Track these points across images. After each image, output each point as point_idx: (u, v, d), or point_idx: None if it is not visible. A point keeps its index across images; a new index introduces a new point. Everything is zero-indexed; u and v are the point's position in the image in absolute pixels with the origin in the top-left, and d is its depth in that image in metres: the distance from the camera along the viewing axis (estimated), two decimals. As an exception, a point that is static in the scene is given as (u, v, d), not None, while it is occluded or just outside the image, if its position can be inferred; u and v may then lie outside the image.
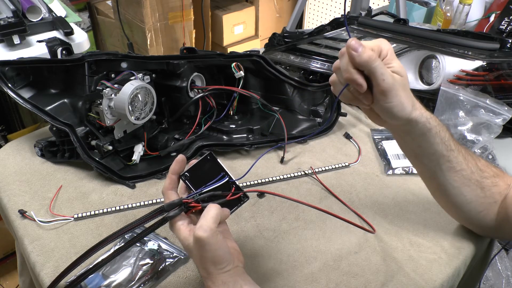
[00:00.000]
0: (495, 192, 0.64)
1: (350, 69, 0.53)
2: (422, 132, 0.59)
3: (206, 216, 0.52)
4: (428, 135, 0.59)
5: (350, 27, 1.01)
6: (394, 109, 0.55)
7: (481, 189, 0.64)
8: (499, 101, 0.89)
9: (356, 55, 0.52)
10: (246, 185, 0.82)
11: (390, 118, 0.57)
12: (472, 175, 0.63)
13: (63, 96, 0.84)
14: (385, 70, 0.53)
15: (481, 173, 0.63)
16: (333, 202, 0.80)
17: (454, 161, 0.62)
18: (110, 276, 0.63)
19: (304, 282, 0.65)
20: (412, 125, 0.58)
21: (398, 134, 0.63)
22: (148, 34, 2.11)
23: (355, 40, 0.52)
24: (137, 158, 0.85)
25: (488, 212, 0.65)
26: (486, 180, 0.64)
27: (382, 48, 0.55)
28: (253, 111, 0.97)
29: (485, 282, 1.18)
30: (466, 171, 0.63)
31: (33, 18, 1.20)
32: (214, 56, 0.90)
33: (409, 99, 0.56)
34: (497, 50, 0.91)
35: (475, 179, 0.63)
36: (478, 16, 1.36)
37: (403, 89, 0.55)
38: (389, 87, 0.53)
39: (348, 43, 0.52)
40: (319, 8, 2.86)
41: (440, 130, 0.60)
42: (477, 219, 0.67)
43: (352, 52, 0.52)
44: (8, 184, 0.81)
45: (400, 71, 0.55)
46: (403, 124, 0.58)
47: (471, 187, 0.63)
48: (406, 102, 0.56)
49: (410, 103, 0.56)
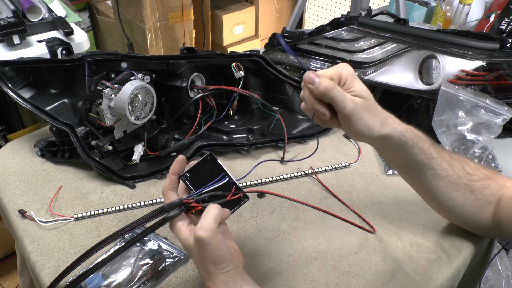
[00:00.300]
0: (486, 194, 0.64)
1: (311, 101, 0.56)
2: (398, 145, 0.60)
3: (207, 216, 0.52)
4: (405, 147, 0.60)
5: (350, 27, 1.01)
6: (360, 132, 0.57)
7: (471, 192, 0.64)
8: (499, 101, 0.89)
9: (313, 88, 0.54)
10: (246, 185, 0.82)
11: (360, 138, 0.59)
12: (460, 180, 0.63)
13: (63, 96, 0.84)
14: (344, 97, 0.54)
15: (469, 176, 0.63)
16: (333, 202, 0.80)
17: (438, 168, 0.62)
18: (110, 276, 0.63)
19: (304, 282, 0.65)
20: (386, 140, 0.59)
21: (376, 148, 0.65)
22: (148, 34, 2.11)
23: (312, 73, 0.54)
24: (137, 158, 0.85)
25: (483, 213, 0.65)
26: (475, 183, 0.63)
27: (341, 74, 0.56)
28: (253, 111, 0.97)
29: (485, 282, 1.18)
30: (453, 177, 0.63)
31: (33, 18, 1.20)
32: (214, 56, 0.90)
33: (376, 118, 0.57)
34: (497, 50, 0.91)
35: (463, 183, 0.63)
36: (478, 16, 1.36)
37: (367, 111, 0.56)
38: (350, 112, 0.55)
39: (304, 77, 0.54)
40: (319, 8, 2.86)
41: (418, 141, 0.60)
42: (472, 220, 0.67)
43: (308, 85, 0.54)
44: (8, 184, 0.81)
45: (362, 94, 0.56)
46: (376, 140, 0.59)
47: (460, 191, 0.63)
48: (371, 123, 0.56)
49: (377, 122, 0.57)
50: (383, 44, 0.98)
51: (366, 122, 0.56)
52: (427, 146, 0.61)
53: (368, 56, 0.99)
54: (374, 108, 0.58)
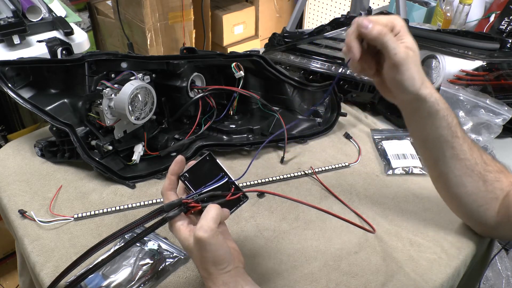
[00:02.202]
0: (497, 188, 0.64)
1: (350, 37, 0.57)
2: (430, 113, 0.60)
3: (207, 216, 0.52)
4: (436, 116, 0.60)
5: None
6: (404, 83, 0.57)
7: (483, 182, 0.63)
8: (499, 101, 0.89)
9: (366, 32, 0.55)
10: (246, 185, 0.82)
11: (401, 91, 0.59)
12: (476, 166, 0.63)
13: (63, 96, 0.84)
14: (396, 45, 0.55)
15: (485, 166, 0.63)
16: (333, 202, 0.80)
17: (458, 149, 0.62)
18: (110, 276, 0.63)
19: (304, 282, 0.65)
20: (421, 103, 0.59)
21: (407, 111, 0.64)
22: (148, 34, 2.11)
23: (365, 18, 0.55)
24: (137, 158, 0.85)
25: (489, 207, 0.65)
26: (489, 174, 0.63)
27: (395, 24, 0.57)
28: (253, 111, 0.97)
29: (485, 282, 1.18)
30: (470, 161, 0.62)
31: (33, 18, 1.20)
32: (214, 56, 0.90)
33: (420, 75, 0.57)
34: (497, 50, 0.91)
35: (478, 171, 0.63)
36: (478, 16, 1.36)
37: (415, 64, 0.57)
38: (400, 60, 0.55)
39: (358, 21, 0.55)
40: (319, 8, 2.86)
41: (448, 114, 0.60)
42: (477, 213, 0.66)
43: (361, 29, 0.55)
44: (8, 184, 0.81)
45: (412, 47, 0.57)
46: (412, 101, 0.59)
47: (473, 178, 0.63)
48: (417, 77, 0.57)
49: (420, 79, 0.57)
50: (383, 44, 0.98)
51: (412, 75, 0.56)
52: (455, 123, 0.61)
53: (368, 56, 0.99)
54: (420, 66, 0.58)
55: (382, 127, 1.01)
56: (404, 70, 0.56)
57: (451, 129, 0.61)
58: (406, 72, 0.56)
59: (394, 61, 0.55)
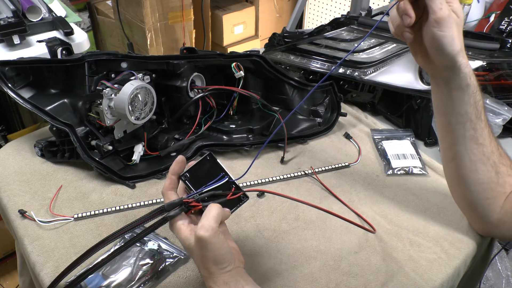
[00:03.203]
0: (507, 182, 0.63)
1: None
2: (460, 85, 0.59)
3: (208, 215, 0.52)
4: (465, 91, 0.59)
5: (350, 27, 1.01)
6: (444, 40, 0.56)
7: (495, 173, 0.63)
8: (499, 101, 0.89)
9: None
10: (246, 185, 0.82)
11: (438, 53, 0.58)
12: (492, 155, 0.62)
13: (63, 96, 0.84)
14: (444, 2, 0.55)
15: (500, 157, 0.63)
16: (333, 202, 0.80)
17: (479, 132, 0.61)
18: (110, 276, 0.63)
19: (304, 282, 0.65)
20: (453, 72, 0.59)
21: (437, 81, 0.63)
22: (148, 34, 2.11)
23: None
24: (137, 158, 0.85)
25: (495, 201, 0.64)
26: (502, 167, 0.63)
27: None
28: (253, 111, 0.97)
29: (485, 282, 1.18)
30: (488, 148, 0.62)
31: (33, 18, 1.20)
32: (214, 56, 0.90)
33: (460, 40, 0.57)
34: (497, 50, 0.91)
35: (492, 160, 0.63)
36: (478, 16, 1.36)
37: (457, 27, 0.56)
38: (445, 16, 0.55)
39: None
40: (319, 8, 2.86)
41: (477, 92, 0.60)
42: (481, 206, 0.66)
43: None
44: (8, 184, 0.81)
45: (458, 12, 0.56)
46: (446, 67, 0.59)
47: (487, 167, 0.63)
48: (457, 39, 0.56)
49: (459, 44, 0.57)
50: (383, 44, 0.98)
51: (453, 34, 0.56)
52: (481, 104, 0.61)
53: (368, 56, 0.99)
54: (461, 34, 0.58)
55: (382, 127, 1.01)
56: (446, 28, 0.55)
57: (477, 108, 0.60)
58: (448, 29, 0.55)
59: (438, 16, 0.55)
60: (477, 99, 0.60)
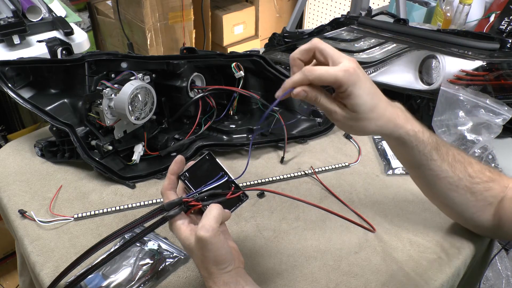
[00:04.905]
0: (488, 196, 0.63)
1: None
2: (398, 144, 0.61)
3: (208, 215, 0.52)
4: (403, 146, 0.60)
5: (350, 27, 1.01)
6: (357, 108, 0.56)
7: (471, 194, 0.63)
8: (499, 101, 0.89)
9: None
10: (246, 185, 0.82)
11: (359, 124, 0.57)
12: (460, 182, 0.63)
13: (63, 96, 0.84)
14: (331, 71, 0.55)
15: (470, 179, 0.63)
16: (333, 202, 0.80)
17: (437, 170, 0.62)
18: (110, 276, 0.63)
19: (304, 282, 0.65)
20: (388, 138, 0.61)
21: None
22: (148, 34, 2.11)
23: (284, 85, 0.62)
24: (137, 158, 0.85)
25: (483, 213, 0.65)
26: (477, 186, 0.63)
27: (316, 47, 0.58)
28: (253, 111, 0.97)
29: (485, 282, 1.18)
30: (453, 178, 0.62)
31: (33, 18, 1.20)
32: (214, 56, 0.90)
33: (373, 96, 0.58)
34: (497, 50, 0.91)
35: (463, 185, 0.63)
36: (478, 16, 1.36)
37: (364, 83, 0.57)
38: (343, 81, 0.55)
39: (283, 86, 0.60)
40: (319, 8, 2.86)
41: (417, 144, 0.59)
42: (471, 219, 0.67)
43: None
44: (8, 184, 0.81)
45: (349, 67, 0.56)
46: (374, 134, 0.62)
47: (459, 192, 0.63)
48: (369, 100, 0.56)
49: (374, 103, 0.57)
50: (383, 44, 0.98)
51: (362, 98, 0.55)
52: (428, 149, 0.60)
53: (368, 56, 0.99)
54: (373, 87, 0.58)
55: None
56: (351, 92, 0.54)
57: (425, 155, 0.60)
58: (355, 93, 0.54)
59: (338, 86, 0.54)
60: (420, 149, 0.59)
